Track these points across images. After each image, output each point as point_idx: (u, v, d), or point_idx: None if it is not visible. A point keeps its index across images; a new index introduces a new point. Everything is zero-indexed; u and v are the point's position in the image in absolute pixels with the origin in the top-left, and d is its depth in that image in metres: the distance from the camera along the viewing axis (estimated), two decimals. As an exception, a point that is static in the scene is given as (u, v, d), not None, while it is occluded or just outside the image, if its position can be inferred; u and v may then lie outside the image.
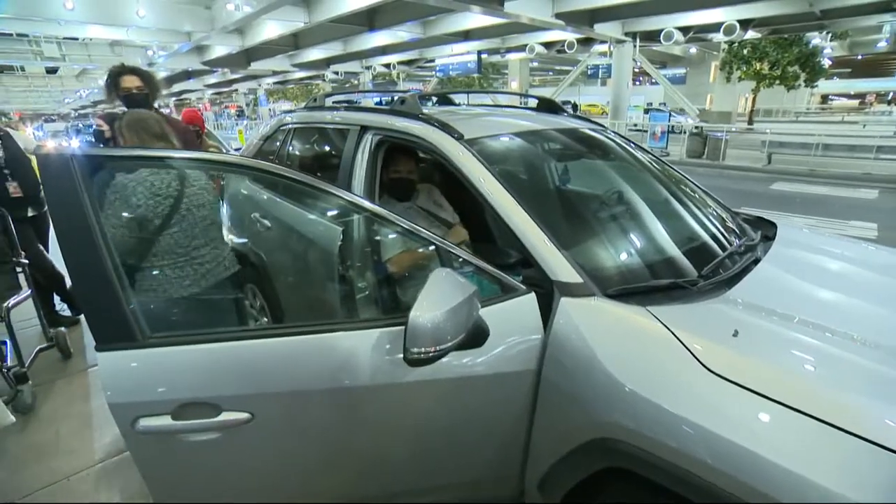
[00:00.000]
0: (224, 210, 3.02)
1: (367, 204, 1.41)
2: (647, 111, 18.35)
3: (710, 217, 1.92)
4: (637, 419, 1.08)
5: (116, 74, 2.73)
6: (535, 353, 1.31)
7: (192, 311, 2.46)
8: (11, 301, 2.65)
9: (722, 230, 1.84)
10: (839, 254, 1.88)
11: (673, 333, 1.14)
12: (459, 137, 1.65)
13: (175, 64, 21.43)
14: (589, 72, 20.83)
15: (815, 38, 20.77)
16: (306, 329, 1.21)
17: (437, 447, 1.39)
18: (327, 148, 2.43)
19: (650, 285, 1.38)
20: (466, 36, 18.96)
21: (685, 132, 12.93)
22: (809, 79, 22.88)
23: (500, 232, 2.28)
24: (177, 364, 1.14)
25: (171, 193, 1.80)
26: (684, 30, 14.98)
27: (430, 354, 1.01)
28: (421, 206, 2.15)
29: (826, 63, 23.37)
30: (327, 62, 24.22)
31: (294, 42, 19.13)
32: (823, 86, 34.64)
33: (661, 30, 14.84)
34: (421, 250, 1.83)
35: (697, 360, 1.08)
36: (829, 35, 20.66)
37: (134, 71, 2.78)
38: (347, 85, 29.43)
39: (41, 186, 3.14)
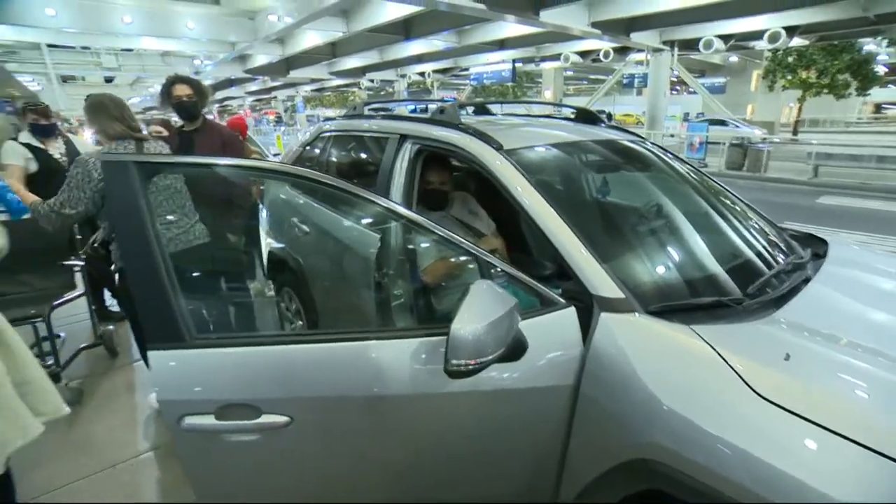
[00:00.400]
0: (263, 215, 3.12)
1: (405, 211, 1.42)
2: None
3: (756, 233, 1.85)
4: (678, 440, 1.05)
5: (170, 84, 2.89)
6: (574, 367, 1.30)
7: (234, 314, 2.54)
8: (56, 301, 2.77)
9: (768, 247, 1.77)
10: (896, 273, 1.78)
11: (718, 353, 1.10)
12: (499, 148, 1.66)
13: (219, 72, 22.31)
14: (624, 81, 20.50)
15: (869, 44, 19.82)
16: (344, 336, 1.23)
17: (471, 458, 1.39)
18: (366, 156, 2.48)
19: (694, 303, 1.35)
20: (501, 45, 19.03)
21: (726, 143, 12.50)
22: (861, 87, 21.81)
23: (537, 243, 2.27)
24: (220, 365, 1.18)
25: None
26: (725, 38, 14.57)
27: (471, 367, 1.01)
28: (455, 215, 2.15)
29: (881, 70, 22.24)
30: (363, 70, 24.71)
31: (332, 51, 19.63)
32: (877, 94, 32.97)
33: (700, 38, 14.48)
34: (453, 260, 1.84)
35: (744, 381, 1.04)
36: (885, 40, 19.64)
37: (184, 80, 2.92)
38: (382, 93, 29.92)
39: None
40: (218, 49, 16.49)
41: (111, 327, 3.29)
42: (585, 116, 2.55)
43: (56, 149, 3.25)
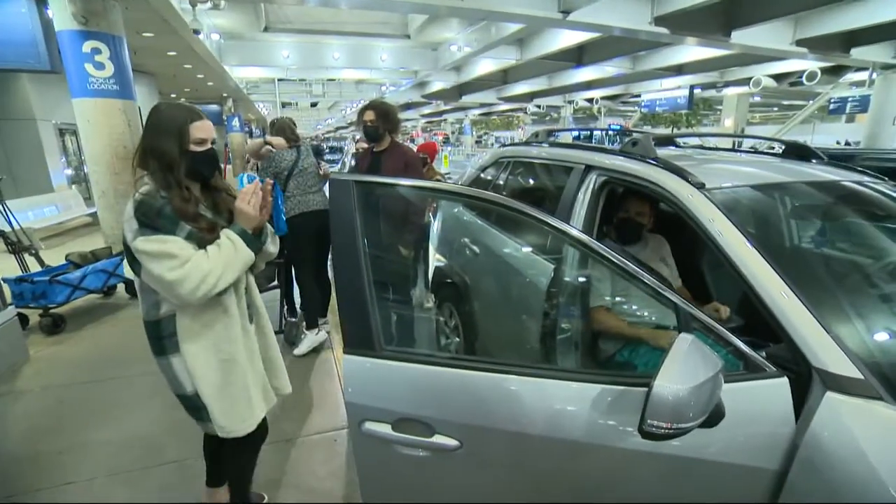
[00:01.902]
0: (434, 231, 3.31)
1: (594, 244, 1.25)
2: None
3: None
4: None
5: (362, 109, 3.28)
6: (780, 450, 1.09)
7: (399, 325, 2.71)
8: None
9: None
10: None
11: None
12: (700, 186, 1.50)
13: (400, 97, 24.68)
14: (831, 106, 17.22)
15: None
16: (522, 370, 1.21)
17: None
18: (544, 184, 2.46)
19: None
20: (679, 70, 17.62)
21: None
22: None
23: (730, 295, 2.01)
24: (402, 378, 1.24)
25: (291, 159, 3.36)
26: None
27: (665, 431, 0.91)
28: (644, 259, 1.98)
29: None
30: (531, 96, 25.07)
31: (503, 77, 20.31)
32: None
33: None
34: (620, 315, 1.71)
35: None
36: None
37: (373, 107, 3.27)
38: (547, 118, 30.03)
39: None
40: (402, 77, 18.36)
41: (294, 320, 3.77)
42: (797, 152, 2.20)
43: None
